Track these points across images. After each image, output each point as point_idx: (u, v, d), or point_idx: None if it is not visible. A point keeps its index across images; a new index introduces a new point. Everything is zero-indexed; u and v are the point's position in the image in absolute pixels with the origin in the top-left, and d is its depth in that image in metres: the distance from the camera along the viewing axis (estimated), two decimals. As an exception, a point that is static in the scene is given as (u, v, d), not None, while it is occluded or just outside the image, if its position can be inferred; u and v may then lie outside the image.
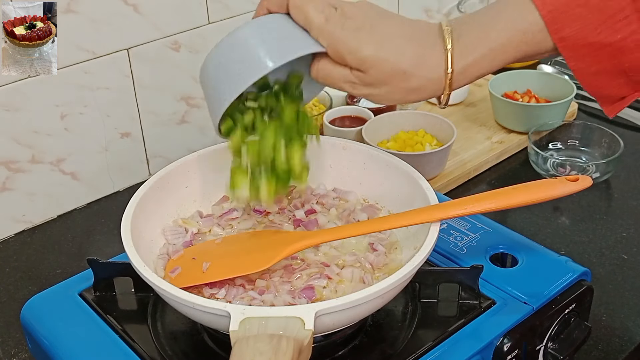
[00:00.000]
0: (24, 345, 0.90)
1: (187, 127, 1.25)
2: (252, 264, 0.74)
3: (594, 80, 0.70)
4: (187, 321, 0.77)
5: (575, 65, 0.68)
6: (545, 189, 0.76)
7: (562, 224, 1.09)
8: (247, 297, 0.72)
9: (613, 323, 0.89)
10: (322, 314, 0.63)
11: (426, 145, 1.16)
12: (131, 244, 0.72)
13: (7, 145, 1.05)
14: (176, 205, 0.85)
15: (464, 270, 0.77)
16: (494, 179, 1.21)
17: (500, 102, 1.28)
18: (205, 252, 0.78)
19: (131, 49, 1.13)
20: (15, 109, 1.04)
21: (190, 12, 1.18)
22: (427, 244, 0.70)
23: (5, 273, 1.03)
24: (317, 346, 0.71)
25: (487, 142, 1.26)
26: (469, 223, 0.88)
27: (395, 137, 1.19)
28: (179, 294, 0.66)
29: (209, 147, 0.88)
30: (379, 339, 0.75)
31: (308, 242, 0.75)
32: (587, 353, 0.85)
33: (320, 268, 0.76)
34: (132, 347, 0.73)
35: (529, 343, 0.76)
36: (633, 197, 1.14)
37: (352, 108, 1.26)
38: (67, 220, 1.14)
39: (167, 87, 1.20)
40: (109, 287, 0.80)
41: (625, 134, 1.24)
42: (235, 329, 0.61)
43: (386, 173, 0.85)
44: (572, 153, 1.23)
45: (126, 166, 1.20)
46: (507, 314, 0.75)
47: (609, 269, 0.98)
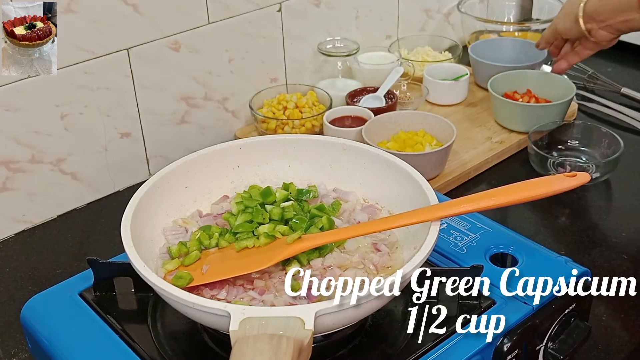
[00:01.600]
0: (24, 345, 0.90)
1: (187, 127, 1.25)
2: (252, 264, 0.74)
3: None
4: (187, 321, 0.77)
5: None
6: (544, 186, 0.76)
7: (562, 224, 1.09)
8: (247, 297, 0.72)
9: (613, 323, 0.89)
10: (322, 314, 0.63)
11: (426, 145, 1.16)
12: (131, 244, 0.72)
13: (7, 145, 1.05)
14: (176, 205, 0.85)
15: (464, 270, 0.77)
16: (494, 179, 1.21)
17: (500, 102, 1.28)
18: (206, 254, 0.78)
19: (131, 49, 1.13)
20: (15, 109, 1.04)
21: (190, 12, 1.18)
22: (427, 244, 0.70)
23: (5, 273, 1.03)
24: (317, 346, 0.71)
25: (487, 142, 1.26)
26: (469, 223, 0.88)
27: (395, 137, 1.19)
28: (179, 294, 0.66)
29: (209, 147, 0.88)
30: (379, 339, 0.75)
31: (308, 244, 0.75)
32: (587, 353, 0.85)
33: (321, 270, 0.76)
34: (132, 347, 0.73)
35: (529, 343, 0.76)
36: (633, 197, 1.14)
37: (352, 108, 1.26)
38: (67, 220, 1.14)
39: (167, 87, 1.20)
40: (109, 287, 0.80)
41: (625, 134, 1.24)
42: (235, 329, 0.61)
43: (386, 173, 0.85)
44: (572, 153, 1.23)
45: (126, 166, 1.20)
46: (507, 314, 0.75)
47: (609, 269, 0.98)
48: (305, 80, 1.39)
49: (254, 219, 0.80)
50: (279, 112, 1.28)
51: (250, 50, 1.29)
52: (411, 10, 1.56)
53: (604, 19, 1.09)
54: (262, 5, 1.27)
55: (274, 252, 0.74)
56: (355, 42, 1.39)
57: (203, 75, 1.24)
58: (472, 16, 1.57)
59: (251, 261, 0.75)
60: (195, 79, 1.23)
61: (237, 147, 0.89)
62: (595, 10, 1.09)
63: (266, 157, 0.89)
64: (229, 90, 1.29)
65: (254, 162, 0.89)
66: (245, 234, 0.79)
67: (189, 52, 1.20)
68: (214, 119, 1.28)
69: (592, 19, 1.10)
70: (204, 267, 0.75)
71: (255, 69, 1.31)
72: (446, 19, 1.64)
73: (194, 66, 1.22)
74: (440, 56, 1.51)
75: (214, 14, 1.21)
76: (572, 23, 1.15)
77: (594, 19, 1.10)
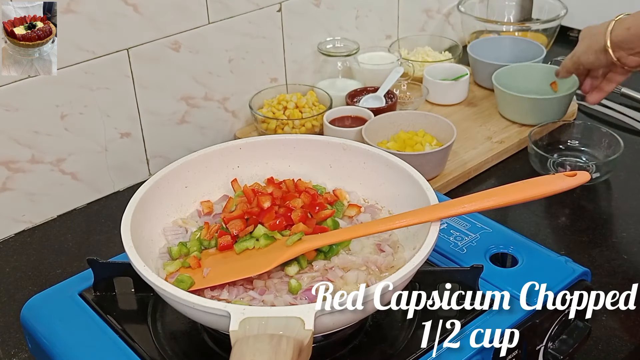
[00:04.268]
0: (24, 345, 0.90)
1: (187, 127, 1.25)
2: (253, 267, 0.74)
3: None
4: (187, 321, 0.77)
5: None
6: (544, 186, 0.76)
7: (562, 224, 1.09)
8: (247, 297, 0.72)
9: (613, 323, 0.89)
10: (322, 314, 0.63)
11: (426, 145, 1.15)
12: (131, 244, 0.72)
13: (7, 145, 1.05)
14: (176, 205, 0.85)
15: (464, 270, 0.77)
16: (494, 179, 1.21)
17: (505, 96, 1.29)
18: (206, 256, 0.78)
19: (131, 49, 1.13)
20: (15, 109, 1.04)
21: (190, 12, 1.18)
22: (427, 244, 0.70)
23: (5, 273, 1.03)
24: (317, 346, 0.71)
25: (487, 142, 1.26)
26: (469, 223, 0.88)
27: (395, 137, 1.19)
28: (179, 294, 0.66)
29: (209, 147, 0.88)
30: (379, 339, 0.75)
31: (308, 245, 0.75)
32: (587, 353, 0.85)
33: (322, 271, 0.76)
34: (132, 347, 0.73)
35: (529, 343, 0.76)
36: (633, 197, 1.14)
37: (352, 108, 1.26)
38: (67, 220, 1.14)
39: (167, 87, 1.20)
40: (109, 287, 0.80)
41: (625, 134, 1.24)
42: (236, 329, 0.61)
43: (386, 173, 0.85)
44: (572, 153, 1.23)
45: (126, 166, 1.20)
46: (507, 314, 0.75)
47: (609, 269, 0.98)
48: (305, 80, 1.39)
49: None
50: (279, 112, 1.28)
51: (250, 50, 1.29)
52: (411, 10, 1.56)
53: (633, 47, 1.10)
54: (262, 5, 1.27)
55: (275, 254, 0.74)
56: (355, 42, 1.39)
57: (203, 75, 1.24)
58: (472, 16, 1.57)
59: (252, 264, 0.75)
60: (195, 79, 1.23)
61: (237, 147, 0.89)
62: (624, 40, 1.10)
63: (266, 157, 0.89)
64: (229, 90, 1.29)
65: (254, 162, 0.89)
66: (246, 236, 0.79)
67: (189, 52, 1.20)
68: (214, 119, 1.28)
69: (621, 47, 1.11)
70: (205, 270, 0.75)
71: (255, 69, 1.31)
72: (446, 19, 1.64)
73: (194, 66, 1.22)
74: (440, 56, 1.51)
75: (214, 14, 1.21)
76: (598, 54, 1.14)
77: (622, 47, 1.11)
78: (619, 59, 1.12)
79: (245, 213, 0.80)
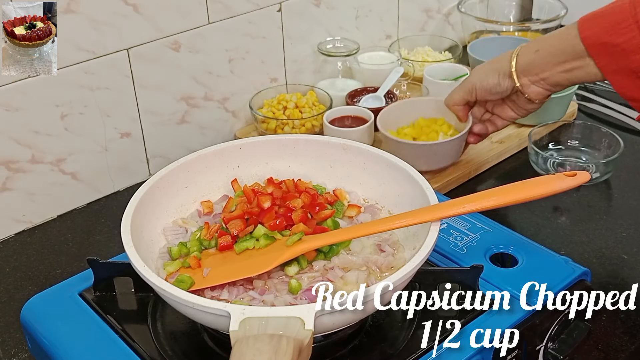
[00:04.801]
0: (24, 345, 0.90)
1: (187, 127, 1.25)
2: (253, 267, 0.74)
3: (616, 79, 0.89)
4: (187, 321, 0.77)
5: (600, 63, 0.89)
6: (544, 185, 0.76)
7: (562, 224, 1.09)
8: (247, 297, 0.72)
9: (613, 323, 0.89)
10: (322, 314, 0.63)
11: (440, 135, 1.14)
12: (131, 244, 0.72)
13: (7, 145, 1.05)
14: (176, 205, 0.85)
15: (464, 270, 0.77)
16: (494, 179, 1.20)
17: None
18: (206, 256, 0.78)
19: (131, 49, 1.13)
20: (15, 109, 1.04)
21: (190, 12, 1.18)
22: (427, 244, 0.70)
23: (5, 273, 1.03)
24: (317, 346, 0.71)
25: (487, 142, 1.26)
26: (469, 223, 0.88)
27: (415, 124, 1.18)
28: (179, 294, 0.66)
29: (209, 147, 0.88)
30: (379, 339, 0.75)
31: (308, 245, 0.75)
32: (587, 353, 0.85)
33: (322, 271, 0.76)
34: (132, 347, 0.73)
35: (529, 343, 0.76)
36: (633, 197, 1.14)
37: (352, 108, 1.26)
38: (67, 220, 1.14)
39: (167, 87, 1.20)
40: (109, 287, 0.80)
41: (625, 134, 1.24)
42: (236, 329, 0.61)
43: (386, 173, 0.85)
44: (572, 153, 1.23)
45: (126, 166, 1.20)
46: (507, 314, 0.75)
47: (609, 269, 0.98)
48: (305, 80, 1.39)
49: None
50: (279, 112, 1.28)
51: (250, 50, 1.29)
52: (411, 10, 1.56)
53: (538, 72, 0.97)
54: (262, 5, 1.27)
55: (275, 254, 0.74)
56: (355, 42, 1.39)
57: (203, 75, 1.24)
58: (472, 16, 1.57)
59: (252, 264, 0.75)
60: (195, 79, 1.23)
61: (237, 147, 0.89)
62: (531, 62, 0.97)
63: (266, 157, 0.89)
64: (229, 90, 1.29)
65: (254, 162, 0.89)
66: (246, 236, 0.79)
67: (189, 52, 1.20)
68: (214, 119, 1.28)
69: (527, 72, 0.98)
70: (205, 270, 0.75)
71: (255, 69, 1.31)
72: (446, 19, 1.64)
73: (194, 66, 1.22)
74: (440, 56, 1.51)
75: (214, 14, 1.20)
76: (499, 79, 1.00)
77: (528, 72, 0.98)
78: (522, 86, 0.99)
79: (245, 213, 0.80)
